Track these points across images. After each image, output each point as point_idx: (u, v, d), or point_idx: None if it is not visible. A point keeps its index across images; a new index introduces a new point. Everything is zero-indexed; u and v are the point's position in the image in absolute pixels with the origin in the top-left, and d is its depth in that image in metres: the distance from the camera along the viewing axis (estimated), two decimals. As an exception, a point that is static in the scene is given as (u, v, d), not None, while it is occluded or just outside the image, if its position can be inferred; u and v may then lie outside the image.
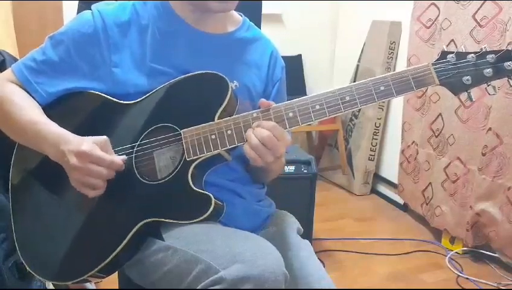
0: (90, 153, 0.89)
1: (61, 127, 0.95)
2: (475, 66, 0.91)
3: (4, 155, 1.07)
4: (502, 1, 2.09)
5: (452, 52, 0.92)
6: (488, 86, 0.92)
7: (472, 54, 0.91)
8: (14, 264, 1.25)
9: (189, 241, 0.89)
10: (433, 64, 0.92)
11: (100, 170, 0.90)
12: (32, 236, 1.01)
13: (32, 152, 1.00)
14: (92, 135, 0.95)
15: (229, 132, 0.94)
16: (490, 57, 0.90)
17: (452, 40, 2.33)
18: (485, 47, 0.91)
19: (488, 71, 0.90)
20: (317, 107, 0.93)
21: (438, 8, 2.46)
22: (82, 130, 0.96)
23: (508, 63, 0.89)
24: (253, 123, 0.94)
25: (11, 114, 0.98)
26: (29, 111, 0.97)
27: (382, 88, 0.92)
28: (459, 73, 0.91)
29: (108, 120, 1.00)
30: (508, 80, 0.91)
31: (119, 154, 0.96)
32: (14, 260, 1.24)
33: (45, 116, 0.98)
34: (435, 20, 2.49)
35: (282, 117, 0.94)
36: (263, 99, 0.96)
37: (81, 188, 0.92)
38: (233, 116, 0.95)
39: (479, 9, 2.20)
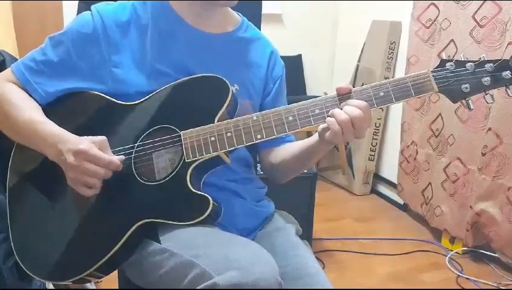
0: (87, 152, 0.89)
1: (60, 127, 0.95)
2: (473, 75, 0.91)
3: (3, 156, 1.06)
4: (502, 1, 2.09)
5: (451, 60, 0.92)
6: (486, 94, 0.92)
7: (471, 63, 0.91)
8: (14, 264, 1.25)
9: (186, 245, 0.89)
10: (432, 71, 0.92)
11: (97, 169, 0.90)
12: (29, 237, 1.01)
13: (30, 154, 1.00)
14: (92, 135, 0.95)
15: (228, 134, 0.94)
16: (488, 66, 0.90)
17: (452, 40, 2.34)
18: (483, 56, 0.91)
19: (486, 80, 0.90)
20: (317, 111, 0.94)
21: (438, 8, 2.46)
22: (82, 131, 0.96)
23: (506, 72, 0.90)
24: (253, 126, 0.94)
25: (10, 114, 0.98)
26: (28, 111, 0.97)
27: (381, 94, 0.92)
28: (458, 81, 0.91)
29: (108, 121, 1.00)
30: (505, 89, 0.91)
31: (117, 154, 0.96)
32: (15, 260, 1.24)
33: (44, 115, 0.98)
34: (435, 20, 2.49)
35: (282, 120, 0.94)
36: (340, 86, 0.94)
37: (77, 186, 0.92)
38: (234, 118, 0.96)
39: (478, 9, 2.20)
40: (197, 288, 0.81)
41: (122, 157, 0.95)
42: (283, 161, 1.12)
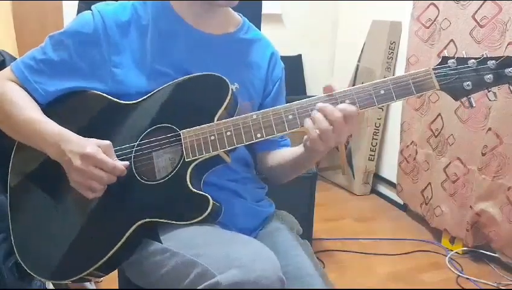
0: (94, 157, 0.89)
1: (61, 126, 0.95)
2: (476, 72, 0.90)
3: (4, 156, 1.07)
4: (502, 1, 2.09)
5: (453, 58, 0.91)
6: (489, 92, 0.91)
7: (473, 60, 0.90)
8: (14, 264, 1.24)
9: (187, 244, 0.89)
10: (433, 69, 0.91)
11: (101, 175, 0.90)
12: (30, 236, 1.01)
13: (31, 153, 1.00)
14: (92, 134, 0.95)
15: (228, 133, 0.94)
16: (491, 63, 0.89)
17: (452, 40, 2.33)
18: (486, 53, 0.90)
19: (488, 77, 0.89)
20: None
21: (438, 8, 2.46)
22: (82, 130, 0.96)
23: (509, 69, 0.88)
24: (253, 125, 0.93)
25: (10, 113, 0.98)
26: (28, 109, 0.98)
27: (382, 92, 0.92)
28: (460, 78, 0.90)
29: (108, 120, 1.00)
30: (508, 86, 0.90)
31: (121, 157, 0.96)
32: (15, 260, 1.24)
33: (44, 115, 0.98)
34: (435, 20, 2.49)
35: (282, 119, 0.94)
36: (328, 85, 0.93)
37: (80, 189, 0.93)
38: (233, 117, 0.96)
39: (478, 9, 2.19)
40: (199, 288, 0.81)
41: (127, 163, 0.95)
42: (278, 166, 1.12)
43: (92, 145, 0.90)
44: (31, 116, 0.97)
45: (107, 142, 0.93)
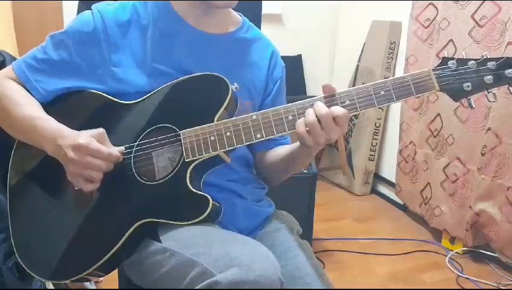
0: (87, 146, 0.89)
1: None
2: (476, 73, 0.90)
3: (3, 156, 1.07)
4: (501, 1, 2.09)
5: (453, 59, 0.91)
6: (489, 93, 0.91)
7: (473, 61, 0.90)
8: (14, 264, 1.25)
9: (186, 244, 0.89)
10: (433, 70, 0.91)
11: (98, 163, 0.91)
12: (30, 236, 1.01)
13: (30, 153, 1.00)
14: None
15: (228, 133, 0.94)
16: (491, 64, 0.89)
17: (451, 40, 2.34)
18: (486, 54, 0.90)
19: (488, 78, 0.89)
20: None
21: (436, 8, 2.46)
22: (82, 130, 0.96)
23: (509, 70, 0.88)
24: (253, 126, 0.94)
25: (9, 110, 0.98)
26: (27, 107, 0.98)
27: (382, 93, 0.91)
28: (460, 79, 0.90)
29: (107, 120, 1.00)
30: (508, 88, 0.90)
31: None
32: (15, 260, 1.25)
33: (44, 112, 0.99)
34: (433, 20, 2.49)
35: (282, 120, 0.94)
36: (327, 84, 0.93)
37: (77, 181, 0.93)
38: (233, 118, 0.96)
39: (478, 9, 2.20)
40: (199, 287, 0.81)
41: (122, 148, 0.96)
42: (276, 162, 1.12)
43: (85, 136, 0.91)
44: (30, 113, 0.97)
45: (100, 129, 0.94)
